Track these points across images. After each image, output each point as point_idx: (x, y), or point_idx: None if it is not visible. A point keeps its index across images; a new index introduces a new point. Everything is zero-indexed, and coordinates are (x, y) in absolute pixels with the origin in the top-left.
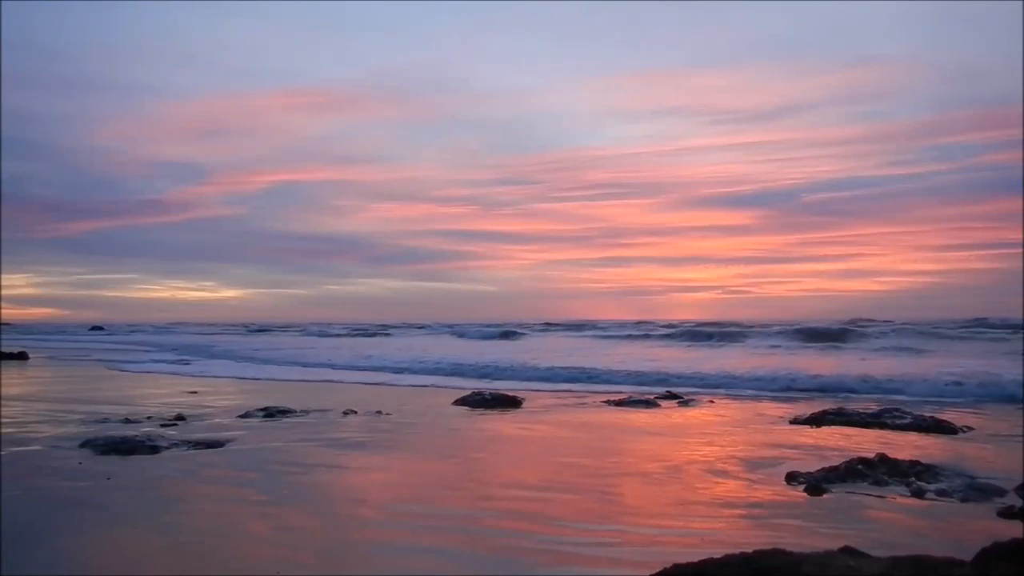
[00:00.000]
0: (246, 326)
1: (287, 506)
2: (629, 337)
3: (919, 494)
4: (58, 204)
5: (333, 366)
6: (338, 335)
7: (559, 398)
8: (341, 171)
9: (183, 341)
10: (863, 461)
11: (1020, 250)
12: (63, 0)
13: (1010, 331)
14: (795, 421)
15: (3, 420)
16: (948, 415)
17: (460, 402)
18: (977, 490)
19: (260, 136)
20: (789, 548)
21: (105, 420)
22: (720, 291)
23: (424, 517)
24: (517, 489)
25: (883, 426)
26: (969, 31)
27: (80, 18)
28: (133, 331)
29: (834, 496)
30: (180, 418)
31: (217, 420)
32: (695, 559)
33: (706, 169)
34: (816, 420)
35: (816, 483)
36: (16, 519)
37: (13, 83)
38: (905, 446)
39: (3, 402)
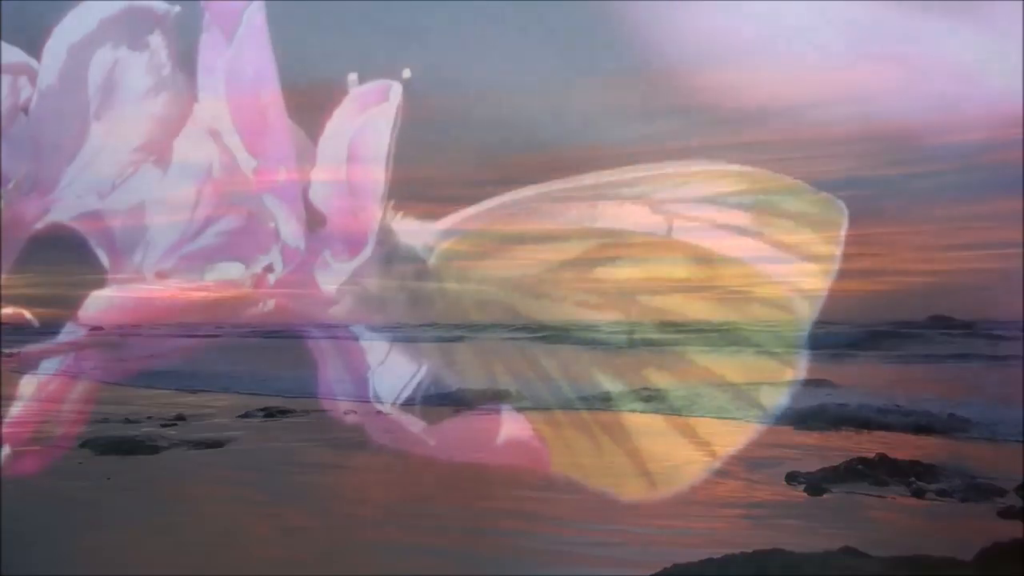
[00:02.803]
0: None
1: (287, 506)
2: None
3: (919, 494)
4: None
5: None
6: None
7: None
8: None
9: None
10: (863, 461)
11: (1020, 250)
12: (63, 0)
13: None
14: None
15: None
16: None
17: None
18: (977, 490)
19: None
20: (789, 548)
21: (105, 420)
22: (720, 291)
23: (424, 517)
24: (517, 489)
25: (883, 426)
26: (969, 31)
27: None
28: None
29: (834, 496)
30: (180, 418)
31: (217, 420)
32: (695, 559)
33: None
34: None
35: (816, 483)
36: (16, 519)
37: None
38: (905, 446)
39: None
